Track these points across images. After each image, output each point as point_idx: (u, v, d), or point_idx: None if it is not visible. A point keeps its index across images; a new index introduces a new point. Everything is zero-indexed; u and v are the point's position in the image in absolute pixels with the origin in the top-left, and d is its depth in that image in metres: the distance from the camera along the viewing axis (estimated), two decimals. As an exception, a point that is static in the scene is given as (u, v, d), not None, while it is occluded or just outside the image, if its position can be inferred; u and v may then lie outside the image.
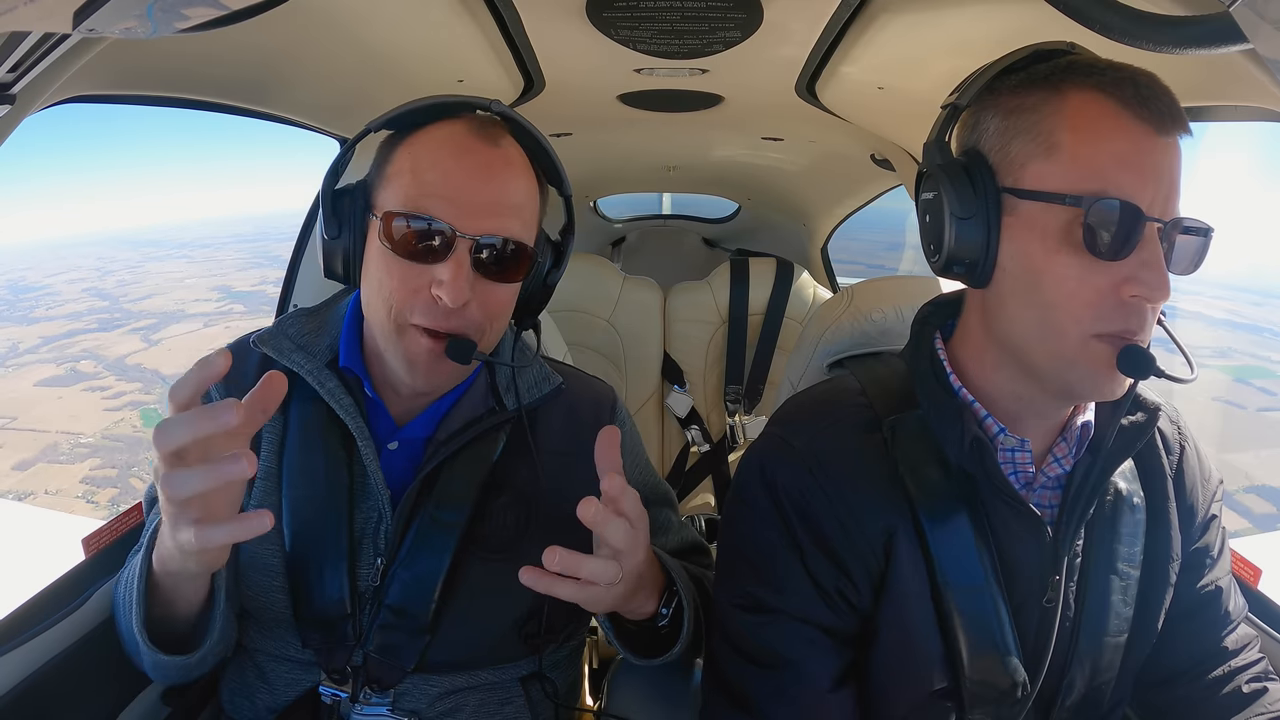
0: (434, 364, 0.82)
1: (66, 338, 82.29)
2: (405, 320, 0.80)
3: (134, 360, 60.20)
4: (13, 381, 64.45)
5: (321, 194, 0.84)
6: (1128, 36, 0.61)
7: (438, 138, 0.82)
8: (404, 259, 0.79)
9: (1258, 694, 0.84)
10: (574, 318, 2.37)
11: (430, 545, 0.86)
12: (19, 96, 0.75)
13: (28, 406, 51.98)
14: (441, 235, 0.78)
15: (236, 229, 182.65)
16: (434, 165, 0.80)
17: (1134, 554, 0.82)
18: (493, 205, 0.80)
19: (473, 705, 0.90)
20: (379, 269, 0.81)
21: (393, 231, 0.79)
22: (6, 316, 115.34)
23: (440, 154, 0.81)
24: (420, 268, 0.79)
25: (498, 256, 0.81)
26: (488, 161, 0.81)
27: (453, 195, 0.79)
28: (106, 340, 74.18)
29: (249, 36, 1.03)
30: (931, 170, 0.74)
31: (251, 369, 0.91)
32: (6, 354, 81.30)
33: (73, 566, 1.00)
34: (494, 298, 0.83)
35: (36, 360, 74.45)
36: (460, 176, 0.80)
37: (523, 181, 0.84)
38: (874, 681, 0.80)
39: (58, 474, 39.22)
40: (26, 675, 0.87)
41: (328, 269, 0.86)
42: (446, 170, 0.80)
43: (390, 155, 0.84)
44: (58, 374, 62.82)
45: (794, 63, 1.35)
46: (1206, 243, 0.70)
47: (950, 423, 0.76)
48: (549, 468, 0.93)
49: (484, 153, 0.81)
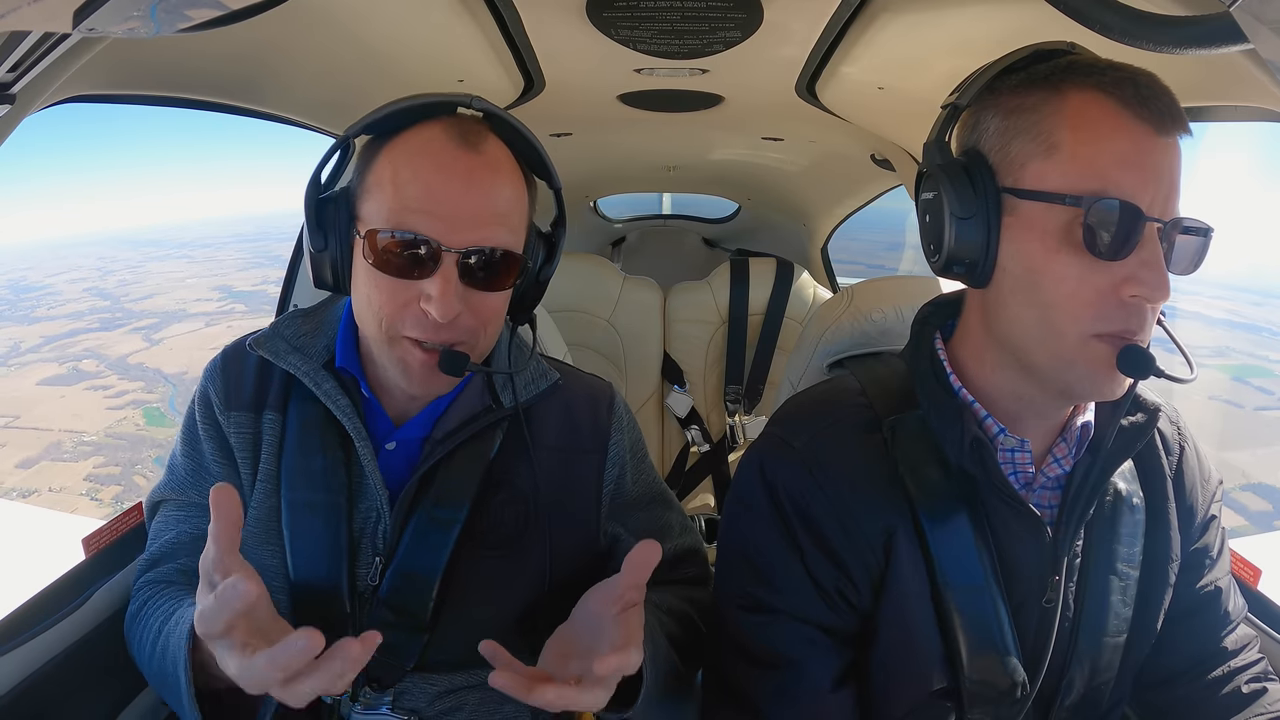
0: (428, 375, 0.81)
1: (68, 337, 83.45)
2: (397, 333, 0.80)
3: (136, 359, 60.87)
4: (15, 381, 65.10)
5: (305, 203, 0.82)
6: (1128, 36, 0.61)
7: (416, 145, 0.79)
8: (391, 276, 0.78)
9: (1257, 694, 0.84)
10: (574, 318, 2.38)
11: (428, 544, 0.86)
12: (19, 96, 0.75)
13: (30, 405, 52.35)
14: (427, 249, 0.76)
15: (237, 229, 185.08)
16: (414, 178, 0.78)
17: (1133, 554, 0.82)
18: (478, 216, 0.78)
19: (473, 704, 0.90)
20: (366, 284, 0.80)
21: (378, 250, 0.78)
22: (8, 316, 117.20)
23: (421, 164, 0.78)
24: (407, 283, 0.78)
25: (486, 266, 0.79)
26: (470, 169, 0.78)
27: (436, 209, 0.77)
28: (108, 339, 75.02)
29: (249, 36, 1.03)
30: (931, 170, 0.74)
31: (249, 371, 0.91)
32: (8, 354, 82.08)
33: (73, 566, 1.00)
34: (485, 306, 0.82)
35: (38, 359, 75.29)
36: (443, 189, 0.77)
37: (508, 186, 0.82)
38: (874, 681, 0.80)
39: (61, 471, 39.53)
40: (27, 675, 0.87)
41: (317, 279, 0.85)
42: (428, 183, 0.77)
43: (371, 162, 0.81)
44: (60, 373, 63.54)
45: (794, 63, 1.35)
46: (1206, 243, 0.69)
47: (950, 423, 0.76)
48: (546, 464, 0.93)
49: (465, 160, 0.78)
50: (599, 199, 3.24)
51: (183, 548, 0.91)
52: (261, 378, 0.91)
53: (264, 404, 0.90)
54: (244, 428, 0.89)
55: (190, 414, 0.92)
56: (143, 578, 0.91)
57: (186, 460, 0.92)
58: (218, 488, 0.62)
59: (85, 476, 38.28)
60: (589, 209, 3.22)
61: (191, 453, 0.92)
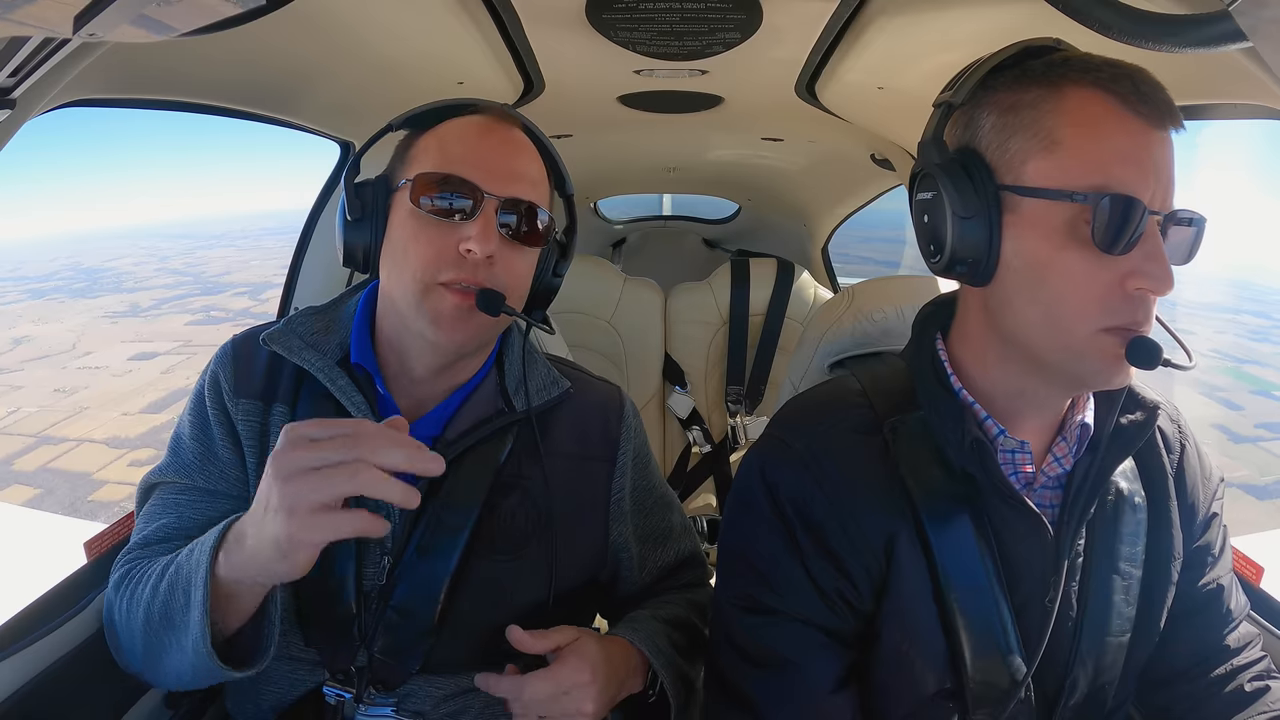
0: (460, 319, 0.82)
1: (180, 299, 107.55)
2: (433, 279, 0.82)
3: (255, 311, 76.80)
4: (166, 323, 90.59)
5: (344, 185, 0.87)
6: (1127, 35, 0.61)
7: (459, 124, 0.88)
8: (433, 219, 0.82)
9: (1260, 692, 0.84)
10: (575, 319, 2.37)
11: (437, 545, 0.86)
12: (19, 100, 0.75)
13: (191, 336, 72.54)
14: (471, 192, 0.82)
15: (263, 224, 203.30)
16: (459, 140, 0.86)
17: (1136, 553, 0.81)
18: (514, 172, 0.86)
19: (477, 707, 0.90)
20: (406, 236, 0.84)
21: (424, 193, 0.82)
22: (97, 289, 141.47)
23: (464, 132, 0.87)
24: (449, 226, 0.82)
25: (521, 220, 0.85)
26: (507, 138, 0.88)
27: (478, 162, 0.84)
28: (220, 300, 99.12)
29: (249, 41, 1.03)
30: (929, 169, 0.74)
31: (261, 361, 0.91)
32: (138, 309, 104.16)
33: (74, 571, 1.00)
34: (515, 264, 0.86)
35: (168, 312, 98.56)
36: (484, 148, 0.86)
37: (536, 164, 0.90)
38: (876, 682, 0.80)
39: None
40: (28, 680, 0.87)
41: (348, 256, 0.88)
42: (471, 144, 0.86)
43: (412, 144, 0.89)
44: (197, 319, 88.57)
45: (793, 63, 1.35)
46: (1201, 233, 0.70)
47: (951, 423, 0.76)
48: (556, 469, 0.93)
49: (503, 131, 0.88)
50: (599, 200, 3.24)
51: (182, 533, 0.85)
52: (272, 370, 0.91)
53: (274, 396, 0.89)
54: (251, 416, 0.88)
55: (199, 397, 0.90)
56: (126, 556, 0.86)
57: (195, 444, 0.89)
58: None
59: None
60: (589, 210, 3.22)
61: (201, 435, 0.89)
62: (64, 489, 37.91)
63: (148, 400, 53.87)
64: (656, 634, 0.92)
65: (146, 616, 0.76)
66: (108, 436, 46.17)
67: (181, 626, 0.72)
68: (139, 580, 0.80)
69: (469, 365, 0.92)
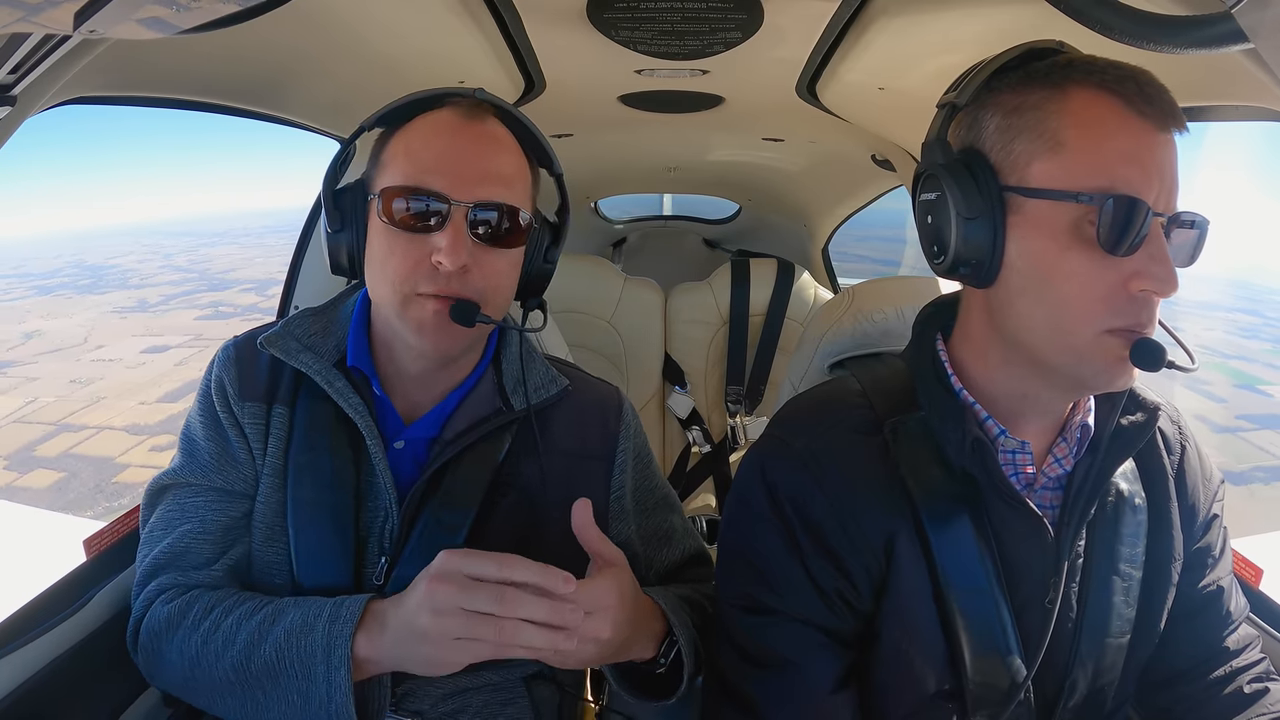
0: (442, 327, 0.83)
1: (188, 294, 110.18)
2: (411, 291, 0.82)
3: (262, 307, 76.58)
4: (175, 318, 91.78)
5: (323, 193, 0.87)
6: (1129, 36, 0.61)
7: (427, 124, 0.85)
8: (404, 232, 0.82)
9: (1259, 694, 0.84)
10: (575, 319, 2.37)
11: (435, 544, 0.86)
12: (19, 98, 0.75)
13: (201, 330, 73.65)
14: (438, 202, 0.81)
15: (264, 222, 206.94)
16: (426, 145, 0.84)
17: (1136, 554, 0.81)
18: (484, 174, 0.83)
19: (476, 706, 0.90)
20: (382, 249, 0.83)
21: (392, 207, 0.82)
22: (103, 286, 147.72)
23: (431, 135, 0.84)
24: (420, 239, 0.81)
25: (494, 222, 0.83)
26: (476, 136, 0.85)
27: (446, 168, 0.82)
28: (227, 295, 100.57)
29: (249, 39, 1.03)
30: (933, 170, 0.74)
31: (261, 369, 0.91)
32: (145, 304, 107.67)
33: (74, 568, 1.00)
34: (494, 267, 0.85)
35: (175, 308, 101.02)
36: (450, 151, 0.83)
37: (511, 156, 0.87)
38: (875, 682, 0.80)
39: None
40: (28, 677, 0.87)
41: (334, 264, 0.88)
42: (438, 149, 0.83)
43: (384, 147, 0.87)
44: (206, 314, 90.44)
45: (794, 63, 1.35)
46: (1204, 235, 0.70)
47: (951, 424, 0.76)
48: (554, 469, 0.93)
49: (472, 129, 0.85)
50: (599, 200, 3.24)
51: (209, 539, 0.86)
52: (273, 371, 0.91)
53: (274, 397, 0.90)
54: (257, 418, 0.89)
55: (207, 399, 0.90)
56: (165, 577, 0.85)
57: (211, 444, 0.88)
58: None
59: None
60: (590, 210, 3.21)
61: (215, 436, 0.89)
62: (88, 472, 38.97)
63: (164, 390, 55.14)
64: (677, 606, 0.90)
65: (239, 665, 0.77)
66: (127, 424, 47.13)
67: (296, 687, 0.75)
68: (213, 625, 0.80)
69: (462, 365, 0.93)
